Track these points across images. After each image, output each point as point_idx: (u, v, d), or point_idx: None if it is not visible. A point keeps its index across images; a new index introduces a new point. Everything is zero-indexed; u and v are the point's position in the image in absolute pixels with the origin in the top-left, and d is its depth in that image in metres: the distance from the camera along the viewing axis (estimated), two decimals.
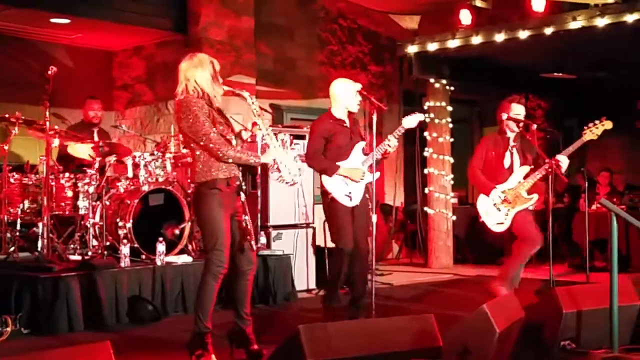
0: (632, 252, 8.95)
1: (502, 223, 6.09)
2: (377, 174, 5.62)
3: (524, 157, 6.20)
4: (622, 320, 4.47)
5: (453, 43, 9.14)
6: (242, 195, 4.76)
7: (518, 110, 6.17)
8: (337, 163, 5.69)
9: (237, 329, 4.77)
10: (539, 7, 8.20)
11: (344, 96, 5.74)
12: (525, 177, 6.11)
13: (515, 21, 8.81)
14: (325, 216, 5.85)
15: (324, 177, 5.70)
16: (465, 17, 8.87)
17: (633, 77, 10.44)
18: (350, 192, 5.68)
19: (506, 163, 6.16)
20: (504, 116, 6.13)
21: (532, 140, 6.17)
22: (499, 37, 8.72)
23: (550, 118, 12.57)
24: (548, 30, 8.36)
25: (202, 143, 4.54)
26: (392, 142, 5.71)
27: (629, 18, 7.81)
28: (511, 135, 6.20)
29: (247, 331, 4.76)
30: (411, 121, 5.82)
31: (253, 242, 4.80)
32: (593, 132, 6.20)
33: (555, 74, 10.81)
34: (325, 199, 5.71)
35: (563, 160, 6.00)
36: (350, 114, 5.82)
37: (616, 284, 4.34)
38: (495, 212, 6.10)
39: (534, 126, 6.39)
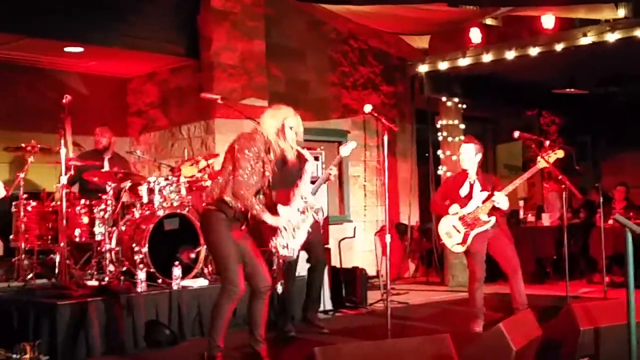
0: None
1: (461, 244, 6.30)
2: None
3: (484, 186, 6.37)
4: None
5: (464, 61, 9.17)
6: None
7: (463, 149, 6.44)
8: None
9: (252, 351, 4.78)
10: (548, 24, 8.24)
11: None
12: (484, 201, 6.27)
13: (526, 38, 8.84)
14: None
15: None
16: (476, 35, 8.92)
17: None
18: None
19: (464, 191, 6.37)
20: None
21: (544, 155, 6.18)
22: (510, 55, 8.74)
23: (563, 134, 12.54)
24: (559, 47, 8.37)
25: (236, 173, 4.65)
26: (332, 172, 6.18)
27: (639, 33, 7.81)
28: (471, 171, 6.39)
29: (262, 354, 4.77)
30: (346, 150, 6.35)
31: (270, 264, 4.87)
32: (546, 159, 6.28)
33: (567, 89, 10.80)
34: None
35: (501, 200, 6.15)
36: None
37: (633, 299, 4.30)
38: (455, 233, 6.31)
39: (547, 142, 6.42)
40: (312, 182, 5.78)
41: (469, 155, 6.38)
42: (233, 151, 4.72)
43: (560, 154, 6.32)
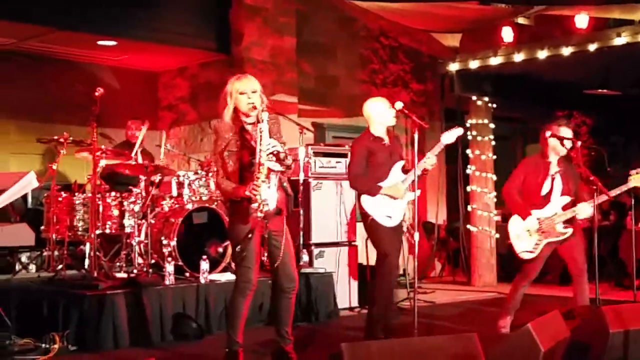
0: None
1: (531, 252, 5.94)
2: (418, 192, 5.58)
3: (566, 186, 5.97)
4: None
5: (495, 60, 9.10)
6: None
7: (565, 133, 5.93)
8: (381, 183, 5.68)
9: (279, 348, 4.79)
10: (582, 24, 8.14)
11: (376, 114, 5.82)
12: (564, 208, 5.90)
13: (558, 38, 8.75)
14: (368, 237, 5.85)
15: (363, 198, 5.69)
16: (508, 34, 8.84)
17: None
18: (390, 213, 5.68)
19: (545, 189, 5.95)
20: (548, 133, 5.89)
21: (576, 157, 6.05)
22: (542, 54, 8.66)
23: (594, 135, 12.41)
24: (592, 47, 8.27)
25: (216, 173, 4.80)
26: (430, 160, 5.67)
27: None
28: (554, 160, 6.01)
29: (288, 350, 4.78)
30: (450, 137, 5.77)
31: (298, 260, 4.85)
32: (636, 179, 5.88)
33: (600, 90, 10.68)
34: (366, 220, 5.73)
35: (584, 212, 5.86)
36: (389, 131, 5.87)
37: None
38: (526, 237, 5.96)
39: (579, 143, 6.29)
40: (405, 172, 5.76)
41: (565, 144, 5.84)
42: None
43: None
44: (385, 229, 5.66)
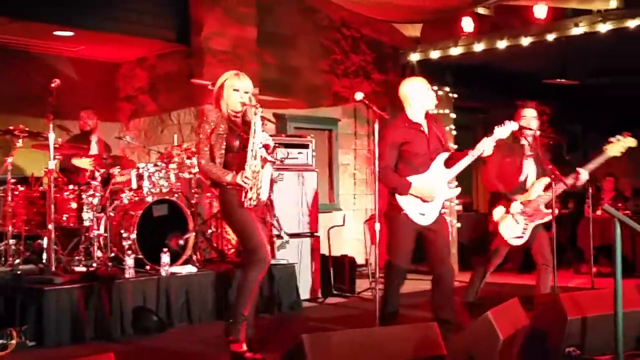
0: (638, 257, 8.94)
1: (520, 237, 5.96)
2: (458, 190, 5.43)
3: (541, 167, 6.01)
4: (627, 326, 4.45)
5: (456, 50, 9.15)
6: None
7: (527, 113, 6.01)
8: (413, 177, 5.17)
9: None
10: (540, 14, 8.20)
11: (417, 95, 5.31)
12: (545, 189, 5.94)
13: (518, 28, 8.82)
14: (387, 228, 5.27)
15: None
16: (468, 24, 8.88)
17: (636, 82, 10.43)
18: (424, 210, 5.21)
19: (523, 173, 5.99)
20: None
21: (535, 146, 6.12)
22: (502, 44, 8.73)
23: (553, 124, 12.54)
24: (550, 37, 8.35)
25: (197, 157, 4.87)
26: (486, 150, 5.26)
27: (631, 24, 7.80)
28: (526, 144, 6.03)
29: (252, 339, 4.77)
30: (503, 131, 5.35)
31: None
32: (615, 148, 5.95)
33: (559, 80, 10.80)
34: (394, 212, 5.23)
35: (583, 174, 5.86)
36: (428, 114, 5.39)
37: (620, 289, 4.32)
38: (513, 224, 5.95)
39: (537, 132, 6.37)
40: (449, 166, 5.30)
41: (533, 123, 5.81)
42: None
43: (633, 142, 5.96)
44: (412, 225, 5.20)
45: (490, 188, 6.19)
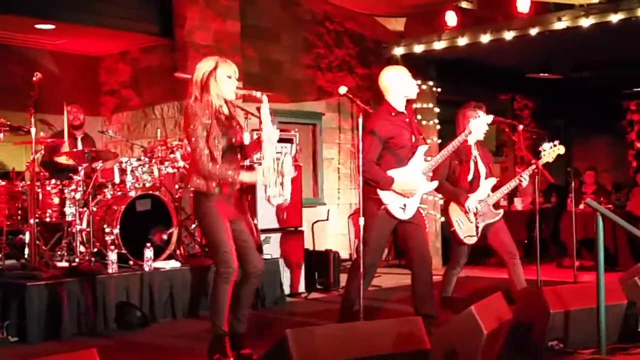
0: (620, 251, 9.00)
1: (473, 236, 6.02)
2: (435, 183, 5.42)
3: (488, 168, 6.09)
4: (610, 320, 4.49)
5: (439, 45, 9.16)
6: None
7: (484, 116, 5.80)
8: (394, 172, 5.15)
9: (233, 332, 4.75)
10: (523, 8, 8.24)
11: (398, 84, 5.24)
12: (492, 190, 6.04)
13: (501, 22, 8.85)
14: (364, 221, 4.97)
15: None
16: (451, 18, 8.90)
17: (618, 77, 10.50)
18: (404, 204, 5.21)
19: (470, 174, 6.02)
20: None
21: (518, 141, 6.16)
22: (485, 38, 8.75)
23: (536, 118, 12.62)
24: (533, 31, 8.39)
25: (193, 154, 4.55)
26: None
27: (614, 18, 7.85)
28: (472, 143, 6.07)
29: (242, 334, 4.75)
30: (478, 125, 5.45)
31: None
32: (548, 155, 6.11)
33: (542, 74, 10.85)
34: (373, 208, 5.16)
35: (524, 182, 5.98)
36: (407, 105, 5.32)
37: (603, 283, 4.36)
38: (466, 223, 6.01)
39: (521, 127, 6.40)
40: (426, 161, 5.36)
41: (483, 127, 5.69)
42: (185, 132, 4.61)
43: (561, 150, 6.08)
44: (390, 220, 5.21)
45: (442, 191, 6.17)
